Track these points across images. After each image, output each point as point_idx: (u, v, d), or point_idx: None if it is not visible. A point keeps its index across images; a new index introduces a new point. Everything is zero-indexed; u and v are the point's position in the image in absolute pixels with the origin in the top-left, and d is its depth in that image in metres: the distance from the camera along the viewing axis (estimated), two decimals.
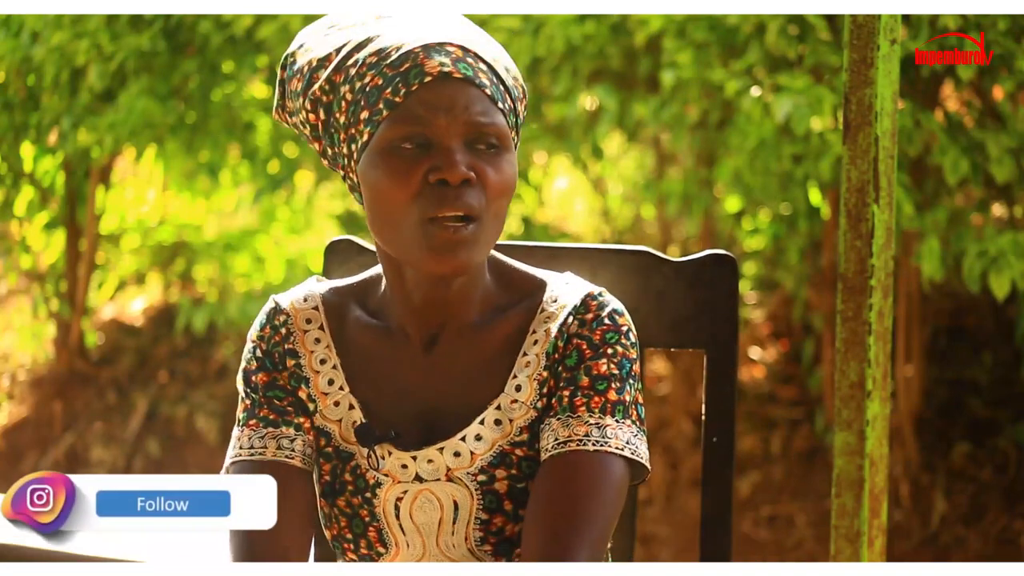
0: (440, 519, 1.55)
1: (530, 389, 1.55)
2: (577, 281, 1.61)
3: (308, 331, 1.60)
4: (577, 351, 1.54)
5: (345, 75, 1.51)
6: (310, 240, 5.12)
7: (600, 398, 1.52)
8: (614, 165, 5.24)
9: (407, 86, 1.48)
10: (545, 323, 1.57)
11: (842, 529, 2.09)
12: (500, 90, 1.52)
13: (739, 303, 1.81)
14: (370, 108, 1.49)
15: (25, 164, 4.48)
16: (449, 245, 1.47)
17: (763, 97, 3.34)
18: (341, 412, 1.58)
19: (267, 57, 4.23)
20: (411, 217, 1.48)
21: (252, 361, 1.60)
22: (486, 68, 1.51)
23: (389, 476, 1.55)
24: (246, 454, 1.55)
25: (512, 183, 1.52)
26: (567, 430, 1.50)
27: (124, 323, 5.10)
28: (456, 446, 1.54)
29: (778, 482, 3.99)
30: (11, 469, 4.58)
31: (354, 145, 1.52)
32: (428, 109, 1.47)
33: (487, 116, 1.49)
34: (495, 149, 1.50)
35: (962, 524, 3.77)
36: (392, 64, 1.49)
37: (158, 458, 4.55)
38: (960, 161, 3.14)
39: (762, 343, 4.54)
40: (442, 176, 1.46)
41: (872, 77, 2.03)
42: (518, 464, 1.54)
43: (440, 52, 1.49)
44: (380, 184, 1.49)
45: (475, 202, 1.48)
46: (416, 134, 1.48)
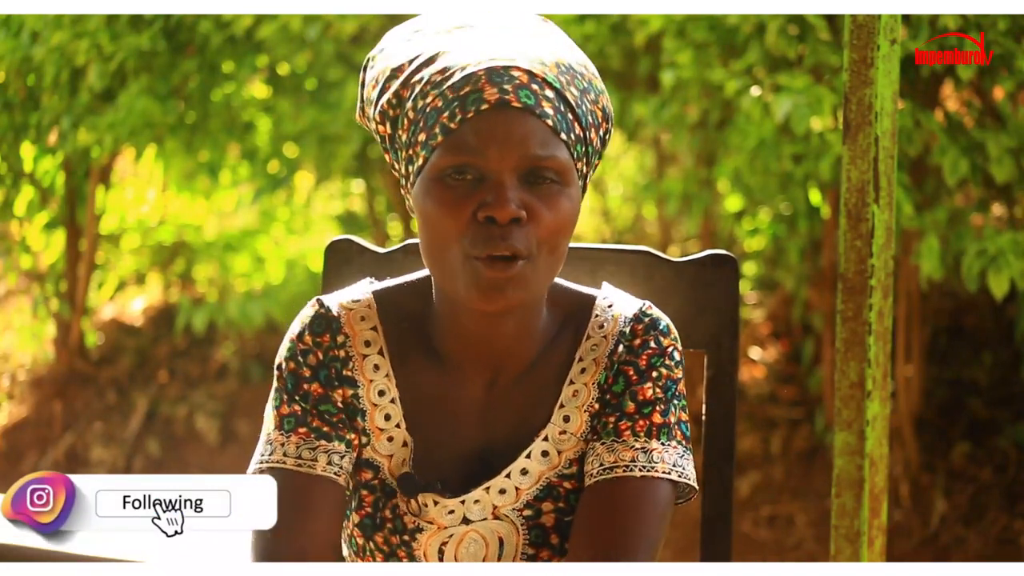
0: (485, 557, 1.50)
1: (580, 420, 1.51)
2: (620, 300, 1.55)
3: (368, 356, 1.52)
4: (624, 377, 1.50)
5: (411, 91, 1.44)
6: (310, 240, 5.12)
7: (645, 422, 1.48)
8: (614, 165, 5.24)
9: (463, 112, 1.40)
10: (593, 351, 1.52)
11: (842, 529, 2.09)
12: (567, 119, 1.42)
13: (739, 303, 1.80)
14: (427, 131, 1.42)
15: (25, 164, 4.48)
16: (495, 284, 1.41)
17: (763, 97, 3.34)
18: (394, 448, 1.52)
19: (267, 57, 4.23)
20: (457, 252, 1.42)
21: (304, 368, 1.51)
22: (553, 95, 1.42)
23: (433, 523, 1.50)
24: (292, 463, 1.48)
25: (569, 220, 1.44)
26: (612, 455, 1.47)
27: (124, 323, 5.10)
28: (502, 483, 1.50)
29: (778, 482, 3.99)
30: (11, 469, 4.58)
31: (411, 167, 1.46)
32: (482, 139, 1.39)
33: (546, 149, 1.40)
34: (554, 184, 1.42)
35: (962, 524, 3.76)
36: (453, 86, 1.41)
37: (158, 458, 4.54)
38: (960, 161, 3.14)
39: (762, 343, 4.54)
40: (490, 214, 1.39)
41: (872, 77, 2.02)
42: (566, 497, 1.50)
43: (503, 77, 1.40)
44: (429, 214, 1.42)
45: (523, 243, 1.40)
46: (468, 165, 1.40)
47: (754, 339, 4.54)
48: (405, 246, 1.82)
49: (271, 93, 4.38)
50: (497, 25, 1.48)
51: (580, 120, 1.44)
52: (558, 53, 1.46)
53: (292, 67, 4.26)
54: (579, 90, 1.45)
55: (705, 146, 4.09)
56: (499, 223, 1.40)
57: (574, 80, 1.45)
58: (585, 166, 1.47)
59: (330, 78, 4.17)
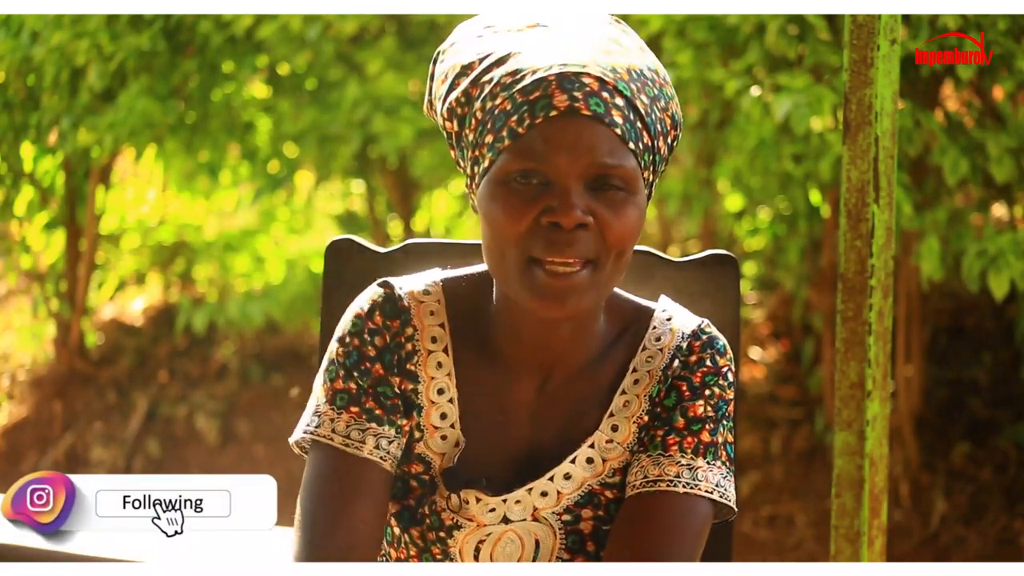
0: (520, 558, 1.50)
1: (628, 431, 1.51)
2: (679, 314, 1.55)
3: (432, 352, 1.52)
4: (676, 392, 1.50)
5: (480, 91, 1.44)
6: (310, 240, 5.12)
7: (693, 439, 1.48)
8: None
9: (532, 117, 1.39)
10: (648, 363, 1.52)
11: (842, 529, 2.09)
12: (636, 128, 1.41)
13: (739, 303, 1.80)
14: (495, 133, 1.42)
15: (25, 164, 4.48)
16: (556, 291, 1.40)
17: (763, 97, 3.34)
18: (446, 447, 1.52)
19: (267, 57, 4.23)
20: (519, 255, 1.41)
21: (370, 347, 1.51)
22: (622, 104, 1.41)
23: (473, 520, 1.50)
24: (340, 441, 1.46)
25: (635, 229, 1.43)
26: (658, 468, 1.47)
27: (124, 323, 5.10)
28: (544, 486, 1.50)
29: (778, 482, 3.99)
30: (11, 469, 4.58)
31: (476, 168, 1.45)
32: (550, 146, 1.38)
33: (613, 157, 1.40)
34: (621, 192, 1.42)
35: (962, 524, 3.76)
36: (524, 90, 1.40)
37: (158, 458, 4.54)
38: (960, 161, 3.14)
39: (762, 343, 4.54)
40: (555, 219, 1.39)
41: (872, 77, 2.02)
42: (606, 505, 1.50)
43: (574, 84, 1.39)
44: (493, 216, 1.42)
45: (589, 248, 1.40)
46: (534, 170, 1.40)
47: (754, 339, 4.54)
48: (405, 246, 1.82)
49: (271, 93, 4.38)
50: (569, 26, 1.47)
51: (649, 128, 1.44)
52: (630, 59, 1.46)
53: (292, 67, 4.26)
54: (649, 97, 1.44)
55: (705, 146, 4.09)
56: (564, 228, 1.39)
57: (644, 87, 1.44)
58: (652, 174, 1.47)
59: (330, 78, 4.17)
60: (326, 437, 1.48)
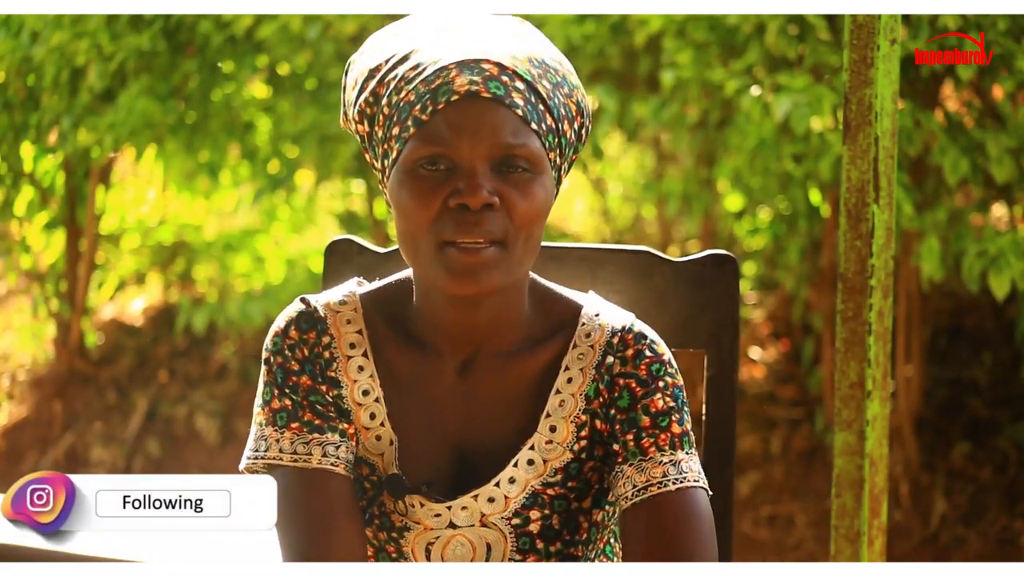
0: (472, 558, 1.52)
1: (566, 431, 1.52)
2: (607, 310, 1.57)
3: (352, 357, 1.55)
4: (627, 391, 1.51)
5: (386, 88, 1.47)
6: (310, 240, 5.12)
7: (666, 435, 1.49)
8: (614, 165, 5.24)
9: (435, 103, 1.43)
10: (580, 360, 1.53)
11: (842, 529, 2.09)
12: (538, 110, 1.45)
13: (739, 303, 1.80)
14: (400, 124, 1.46)
15: (25, 164, 4.48)
16: (468, 268, 1.43)
17: (763, 97, 3.34)
18: (383, 447, 1.53)
19: (267, 57, 4.23)
20: (431, 239, 1.44)
21: (293, 362, 1.54)
22: (523, 87, 1.45)
23: (420, 524, 1.52)
24: (288, 459, 1.49)
25: (543, 208, 1.46)
26: (643, 475, 1.47)
27: (124, 323, 5.10)
28: (490, 492, 1.51)
29: (778, 482, 3.99)
30: (11, 469, 4.58)
31: (386, 161, 1.49)
32: (453, 130, 1.42)
33: (516, 138, 1.43)
34: (527, 173, 1.45)
35: (962, 524, 3.76)
36: (425, 80, 1.44)
37: (158, 458, 4.54)
38: (960, 161, 3.14)
39: (762, 343, 4.54)
40: (462, 201, 1.42)
41: (872, 77, 2.02)
42: (550, 503, 1.52)
43: (473, 70, 1.44)
44: (403, 204, 1.46)
45: (496, 228, 1.43)
46: (439, 155, 1.43)
47: (754, 339, 4.54)
48: None
49: (271, 93, 4.38)
50: (474, 26, 1.51)
51: (552, 112, 1.47)
52: (532, 49, 1.50)
53: (292, 67, 4.26)
54: (551, 83, 1.48)
55: (705, 146, 4.09)
56: (471, 209, 1.42)
57: (546, 74, 1.48)
58: (559, 157, 1.50)
59: (330, 78, 4.17)
60: (275, 458, 1.50)
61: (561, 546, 1.52)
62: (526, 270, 1.51)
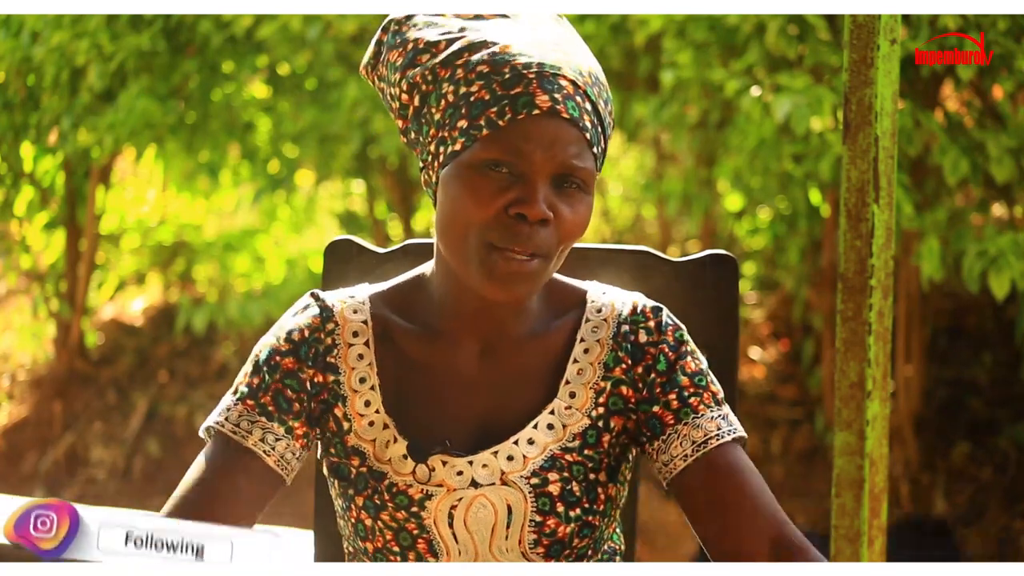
0: (494, 524, 1.55)
1: (585, 397, 1.57)
2: (612, 289, 1.63)
3: (353, 345, 1.59)
4: (663, 356, 1.57)
5: (451, 73, 1.49)
6: (310, 240, 5.13)
7: (707, 393, 1.56)
8: (614, 165, 5.24)
9: (514, 112, 1.45)
10: (594, 333, 1.59)
11: (842, 529, 2.09)
12: (597, 131, 1.50)
13: (739, 303, 1.80)
14: (470, 120, 1.47)
15: (25, 164, 4.49)
16: (511, 277, 1.47)
17: (763, 97, 3.34)
18: (375, 432, 1.57)
19: (267, 57, 4.23)
20: (479, 239, 1.47)
21: (285, 342, 1.58)
22: (591, 108, 1.49)
23: (443, 486, 1.54)
24: (229, 429, 1.54)
25: (585, 225, 1.51)
26: (700, 431, 1.54)
27: (124, 323, 5.10)
28: (510, 450, 1.55)
29: (778, 482, 3.99)
30: (11, 469, 4.58)
31: (443, 148, 1.50)
32: (528, 142, 1.45)
33: (581, 160, 1.47)
34: (580, 191, 1.49)
35: (962, 524, 3.77)
36: (504, 83, 1.46)
37: (158, 458, 4.55)
38: (960, 161, 3.14)
39: (762, 343, 4.54)
40: (522, 211, 1.45)
41: (872, 77, 2.02)
42: (569, 467, 1.55)
43: (553, 85, 1.46)
44: (460, 198, 1.48)
45: (546, 241, 1.47)
46: (509, 163, 1.46)
47: (754, 339, 4.54)
48: (405, 246, 1.82)
49: (271, 93, 4.38)
50: (531, 21, 1.54)
51: (605, 132, 1.53)
52: (587, 60, 1.53)
53: (292, 67, 4.26)
54: (604, 101, 1.53)
55: (705, 146, 4.09)
56: (529, 221, 1.46)
57: (601, 92, 1.52)
58: (599, 173, 1.55)
59: (330, 78, 4.17)
60: (217, 424, 1.55)
61: (580, 512, 1.55)
62: None
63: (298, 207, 5.03)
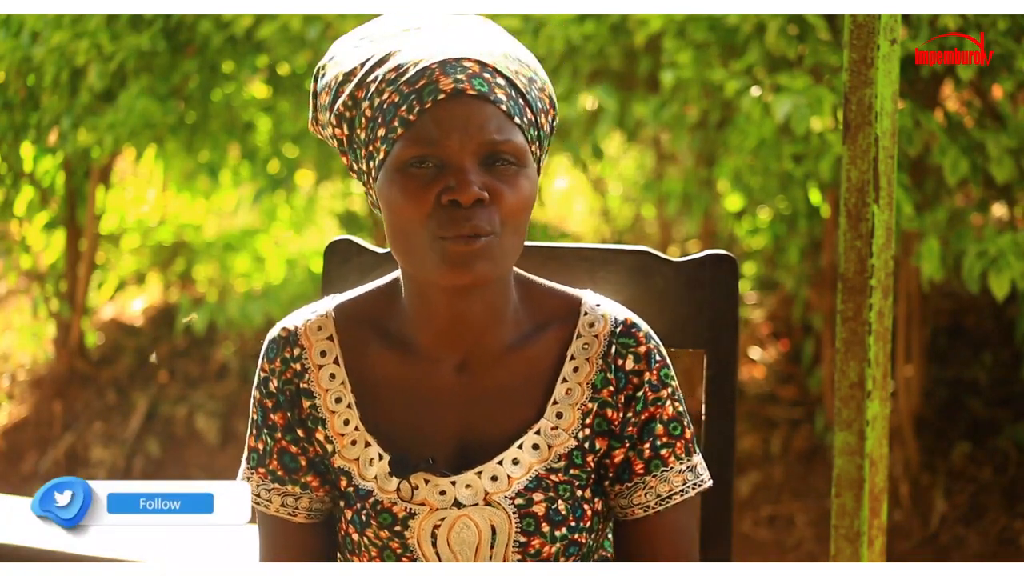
0: (478, 544, 1.54)
1: (572, 418, 1.56)
2: (606, 303, 1.61)
3: (323, 366, 1.58)
4: (643, 396, 1.56)
5: (366, 91, 1.51)
6: (310, 240, 5.12)
7: (680, 442, 1.56)
8: (614, 165, 5.24)
9: (421, 104, 1.47)
10: (584, 350, 1.57)
11: (842, 529, 2.09)
12: (519, 104, 1.50)
13: (739, 303, 1.80)
14: (386, 125, 1.49)
15: (25, 164, 4.48)
16: (463, 257, 1.46)
17: (763, 97, 3.34)
18: (358, 451, 1.57)
19: (267, 57, 4.23)
20: (424, 236, 1.47)
21: (268, 397, 1.59)
22: (504, 83, 1.49)
23: (425, 505, 1.54)
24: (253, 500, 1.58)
25: (529, 200, 1.50)
26: (666, 484, 1.56)
27: (124, 323, 5.10)
28: (494, 470, 1.54)
29: (778, 482, 3.99)
30: (11, 469, 4.58)
31: (372, 162, 1.52)
32: (441, 128, 1.46)
33: (502, 134, 1.47)
34: (512, 166, 1.49)
35: (962, 524, 3.77)
36: (408, 80, 1.48)
37: (158, 458, 4.54)
38: (960, 161, 3.14)
39: (762, 343, 4.54)
40: (454, 197, 1.45)
41: (872, 77, 2.02)
42: (555, 487, 1.55)
43: (456, 68, 1.47)
44: (395, 203, 1.49)
45: (487, 222, 1.47)
46: (429, 154, 1.47)
47: (754, 339, 4.54)
48: None
49: (271, 93, 4.38)
50: (443, 25, 1.55)
51: (531, 105, 1.52)
52: (504, 46, 1.54)
53: (292, 67, 4.26)
54: (527, 78, 1.53)
55: (705, 146, 4.09)
56: (463, 205, 1.46)
57: (521, 69, 1.53)
58: (538, 149, 1.54)
59: None
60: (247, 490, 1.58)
61: (566, 531, 1.54)
62: (514, 261, 1.54)
63: (298, 207, 5.03)
